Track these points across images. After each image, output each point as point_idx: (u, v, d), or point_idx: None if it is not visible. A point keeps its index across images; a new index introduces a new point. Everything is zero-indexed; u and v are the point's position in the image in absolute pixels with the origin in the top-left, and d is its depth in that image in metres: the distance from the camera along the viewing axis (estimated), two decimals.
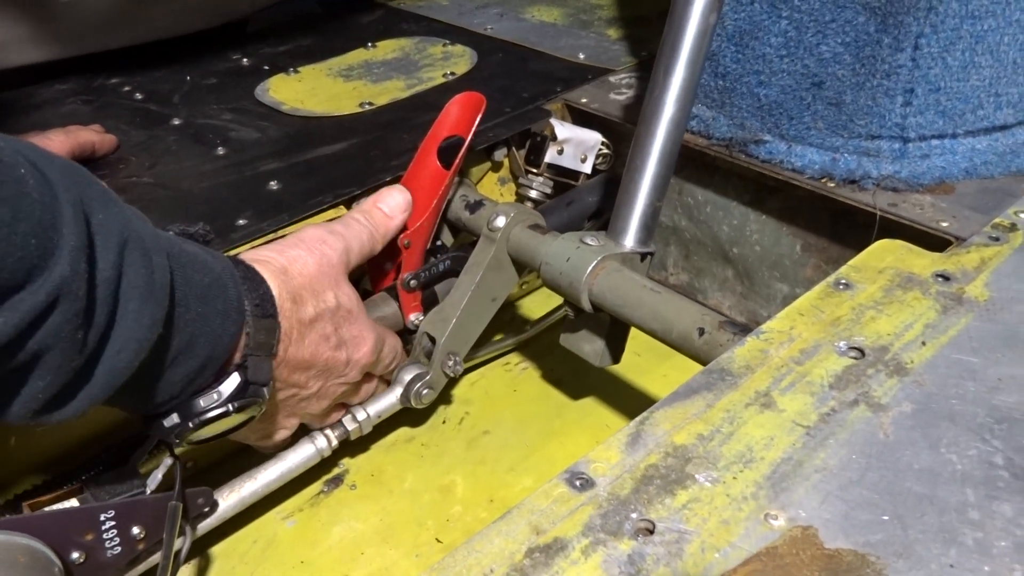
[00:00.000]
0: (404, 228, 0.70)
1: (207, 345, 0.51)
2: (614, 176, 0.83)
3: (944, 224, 0.64)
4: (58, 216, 0.40)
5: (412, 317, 0.72)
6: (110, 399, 0.47)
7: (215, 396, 0.53)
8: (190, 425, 0.53)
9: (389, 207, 0.68)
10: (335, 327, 0.61)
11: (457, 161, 0.70)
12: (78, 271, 0.41)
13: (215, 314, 0.51)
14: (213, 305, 0.51)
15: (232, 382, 0.53)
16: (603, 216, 0.82)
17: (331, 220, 0.67)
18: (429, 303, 0.73)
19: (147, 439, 0.58)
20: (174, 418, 0.53)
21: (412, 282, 0.71)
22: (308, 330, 0.59)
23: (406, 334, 0.73)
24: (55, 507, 0.55)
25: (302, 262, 0.60)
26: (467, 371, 0.81)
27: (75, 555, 0.51)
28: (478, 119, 0.71)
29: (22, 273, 0.39)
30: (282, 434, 0.65)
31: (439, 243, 0.76)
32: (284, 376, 0.59)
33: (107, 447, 0.62)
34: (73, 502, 0.56)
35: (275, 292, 0.56)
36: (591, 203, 0.83)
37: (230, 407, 0.53)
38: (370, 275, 0.75)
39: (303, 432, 0.67)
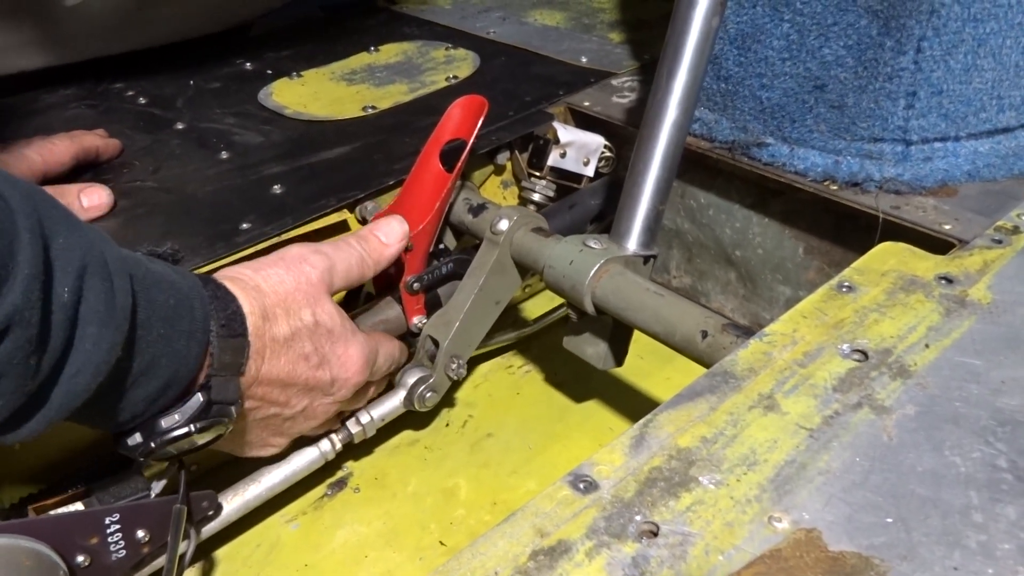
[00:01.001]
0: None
1: (170, 366, 0.51)
2: (616, 179, 0.83)
3: (947, 227, 0.64)
4: (15, 242, 0.40)
5: (415, 320, 0.72)
6: (70, 418, 0.47)
7: (176, 417, 0.53)
8: (152, 445, 0.53)
9: (386, 235, 0.68)
10: (315, 346, 0.60)
11: (459, 164, 0.70)
12: (31, 299, 0.41)
13: (179, 335, 0.51)
14: (177, 326, 0.51)
15: (194, 403, 0.53)
16: (606, 219, 0.83)
17: (324, 241, 0.67)
18: (432, 306, 0.73)
19: None
20: (137, 437, 0.53)
21: (415, 285, 0.71)
22: (284, 348, 0.58)
23: (409, 337, 0.74)
24: (60, 511, 0.55)
25: (277, 279, 0.59)
26: (470, 372, 0.81)
27: (80, 558, 0.51)
28: (480, 122, 0.71)
29: None
30: (270, 450, 0.64)
31: (442, 246, 0.76)
32: (260, 394, 0.58)
33: (111, 451, 0.62)
34: (78, 506, 0.56)
35: (246, 310, 0.55)
36: (594, 206, 0.83)
37: (192, 427, 0.53)
38: (373, 279, 0.75)
39: (301, 441, 0.67)
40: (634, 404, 0.77)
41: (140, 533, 0.54)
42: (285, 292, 0.59)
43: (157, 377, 0.51)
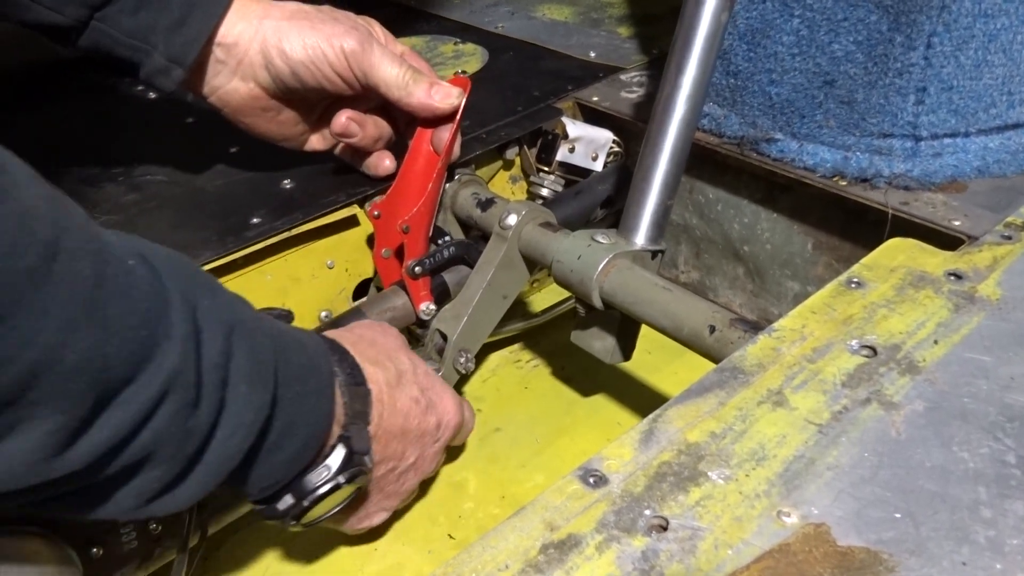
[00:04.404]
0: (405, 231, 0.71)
1: (306, 425, 0.51)
2: (623, 165, 0.84)
3: (956, 223, 0.64)
4: (167, 306, 0.41)
5: (422, 307, 0.72)
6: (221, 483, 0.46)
7: (324, 472, 0.52)
8: (305, 504, 0.52)
9: None
10: (420, 388, 0.61)
11: (447, 144, 0.71)
12: (187, 360, 0.41)
13: (310, 393, 0.51)
14: (308, 384, 0.51)
15: (339, 454, 0.52)
16: (614, 205, 0.83)
17: None
18: (439, 293, 0.73)
19: None
20: (288, 499, 0.52)
21: (417, 268, 0.71)
22: (397, 393, 0.58)
23: (416, 327, 0.74)
24: None
25: (370, 333, 0.61)
26: (478, 366, 0.81)
27: (93, 550, 0.51)
28: (463, 101, 0.72)
29: (132, 366, 0.38)
30: (381, 516, 0.63)
31: (447, 237, 0.76)
32: (380, 448, 0.58)
33: None
34: None
35: (358, 360, 0.56)
36: (601, 192, 0.83)
37: (340, 479, 0.52)
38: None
39: None
40: (642, 399, 0.78)
41: (152, 525, 0.54)
42: (383, 342, 0.61)
43: (296, 437, 0.50)
